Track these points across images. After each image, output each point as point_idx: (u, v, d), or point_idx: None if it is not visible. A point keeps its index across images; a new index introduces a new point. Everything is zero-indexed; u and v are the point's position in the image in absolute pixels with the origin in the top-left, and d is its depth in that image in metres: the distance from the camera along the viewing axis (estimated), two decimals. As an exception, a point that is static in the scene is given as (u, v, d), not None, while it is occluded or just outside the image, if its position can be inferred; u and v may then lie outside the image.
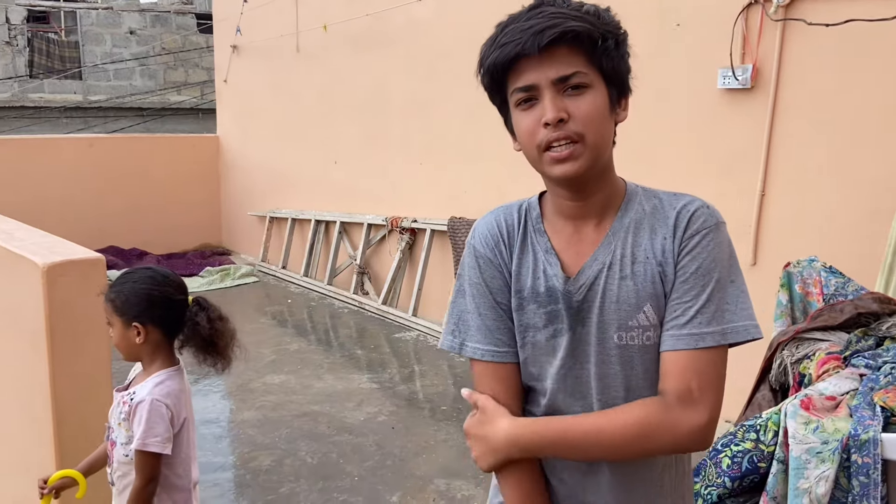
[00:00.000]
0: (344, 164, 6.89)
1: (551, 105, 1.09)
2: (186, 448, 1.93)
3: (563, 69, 1.08)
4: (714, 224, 1.14)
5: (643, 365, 1.16)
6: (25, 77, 12.18)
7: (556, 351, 1.19)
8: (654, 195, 1.20)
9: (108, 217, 7.90)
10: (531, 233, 1.23)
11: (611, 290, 1.15)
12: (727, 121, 3.85)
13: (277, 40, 7.43)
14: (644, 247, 1.15)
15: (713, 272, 1.12)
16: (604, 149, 1.13)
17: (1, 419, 2.61)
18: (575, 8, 1.10)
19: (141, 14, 13.09)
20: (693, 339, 1.11)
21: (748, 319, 1.13)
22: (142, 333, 1.84)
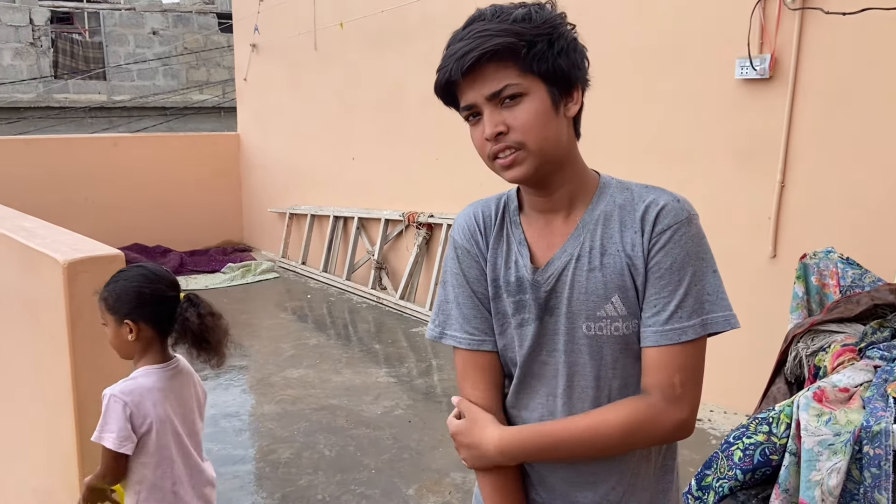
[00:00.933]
0: (361, 160, 6.92)
1: (489, 121, 1.13)
2: (167, 448, 1.88)
3: (492, 86, 1.11)
4: (685, 218, 1.15)
5: (612, 355, 1.18)
6: (50, 78, 12.37)
7: (524, 340, 1.22)
8: (626, 187, 1.21)
9: (133, 215, 8.02)
10: (508, 224, 1.26)
11: (579, 282, 1.17)
12: (745, 111, 3.82)
13: (295, 39, 7.47)
14: (614, 239, 1.17)
15: (688, 266, 1.13)
16: (550, 149, 1.14)
17: (22, 413, 2.67)
18: (503, 19, 1.12)
19: (163, 14, 13.24)
20: (675, 334, 1.13)
21: (727, 310, 1.16)
22: (134, 331, 1.84)
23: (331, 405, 4.17)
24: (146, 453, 1.84)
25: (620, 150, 4.45)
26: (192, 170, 8.53)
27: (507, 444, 1.18)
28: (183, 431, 1.93)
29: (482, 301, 1.26)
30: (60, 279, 2.13)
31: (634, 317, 1.17)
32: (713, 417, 3.95)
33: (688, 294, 1.13)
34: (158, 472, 1.87)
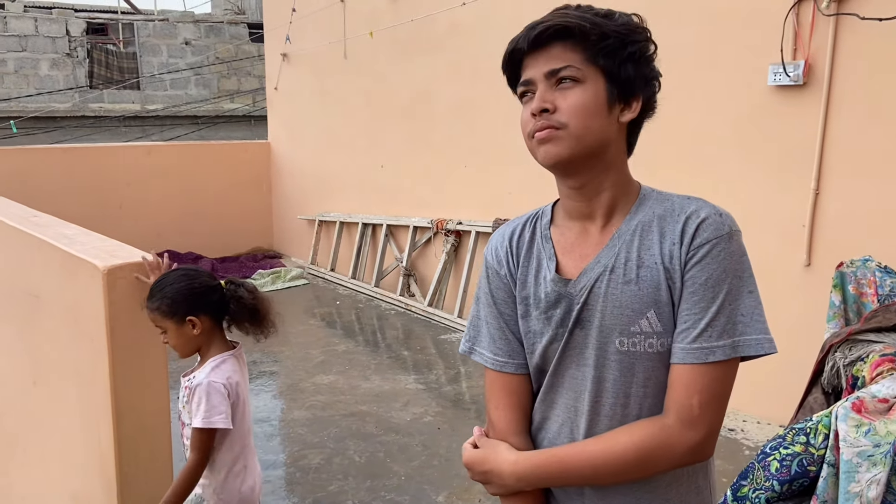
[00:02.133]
0: (390, 168, 6.97)
1: (539, 97, 1.12)
2: (244, 427, 2.07)
3: (553, 63, 1.11)
4: (726, 233, 1.10)
5: (644, 373, 1.14)
6: (86, 87, 12.65)
7: (553, 354, 1.20)
8: (666, 198, 1.18)
9: (165, 222, 8.15)
10: (538, 240, 1.24)
11: (613, 294, 1.13)
12: (779, 118, 3.77)
13: (325, 47, 7.56)
14: (653, 251, 1.13)
15: (723, 283, 1.08)
16: (591, 141, 1.12)
17: (62, 416, 2.73)
18: (585, 10, 1.12)
19: (195, 25, 13.47)
20: (703, 353, 1.08)
21: (762, 333, 1.09)
22: (197, 325, 2.00)
23: (360, 411, 4.19)
24: (232, 430, 2.01)
25: (652, 156, 4.41)
26: (223, 178, 8.65)
27: (522, 469, 1.17)
28: (249, 412, 2.13)
29: (508, 323, 1.25)
30: (100, 285, 2.18)
31: (670, 334, 1.12)
32: (746, 427, 3.90)
33: (720, 312, 1.08)
34: (235, 446, 2.05)
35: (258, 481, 2.14)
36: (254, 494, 2.10)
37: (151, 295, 2.02)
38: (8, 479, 3.50)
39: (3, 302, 3.16)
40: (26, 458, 3.22)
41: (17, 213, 3.12)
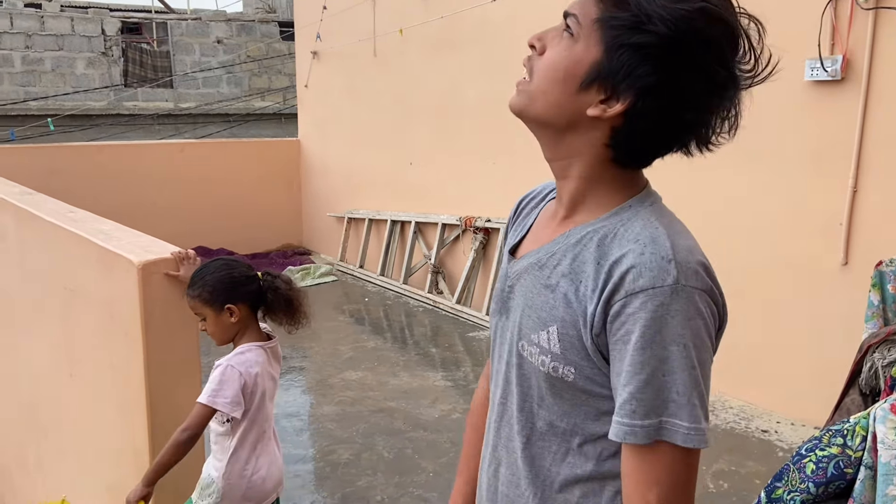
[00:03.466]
0: (419, 165, 6.98)
1: (540, 32, 0.97)
2: (262, 416, 2.10)
3: (574, 7, 0.94)
4: (669, 286, 0.85)
5: (539, 391, 0.99)
6: (120, 86, 12.87)
7: (491, 330, 1.13)
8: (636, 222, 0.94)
9: (197, 218, 8.26)
10: (538, 208, 1.13)
11: (530, 292, 1.00)
12: (816, 114, 3.70)
13: (355, 45, 7.59)
14: (586, 269, 0.93)
15: (657, 347, 0.85)
16: (541, 109, 0.95)
17: (97, 408, 2.78)
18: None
19: (227, 23, 13.63)
20: (623, 430, 0.88)
21: (695, 422, 0.86)
22: (235, 313, 2.06)
23: (389, 407, 4.21)
24: (247, 419, 2.05)
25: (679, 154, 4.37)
26: (253, 175, 8.74)
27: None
28: (269, 403, 2.16)
29: None
30: (135, 279, 2.22)
31: (569, 363, 0.93)
32: (780, 429, 3.84)
33: (648, 384, 0.86)
34: (249, 435, 2.08)
35: (275, 473, 2.16)
36: (265, 485, 2.13)
37: (192, 283, 2.08)
38: (43, 469, 3.58)
39: (42, 296, 3.23)
40: (62, 449, 3.29)
41: (55, 209, 3.18)
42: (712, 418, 4.02)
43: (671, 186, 4.70)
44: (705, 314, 0.88)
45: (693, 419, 0.85)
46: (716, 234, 4.27)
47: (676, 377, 0.85)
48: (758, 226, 4.03)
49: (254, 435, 2.10)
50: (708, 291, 0.89)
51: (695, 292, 0.87)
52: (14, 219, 3.43)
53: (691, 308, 0.86)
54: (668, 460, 0.87)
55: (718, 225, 4.25)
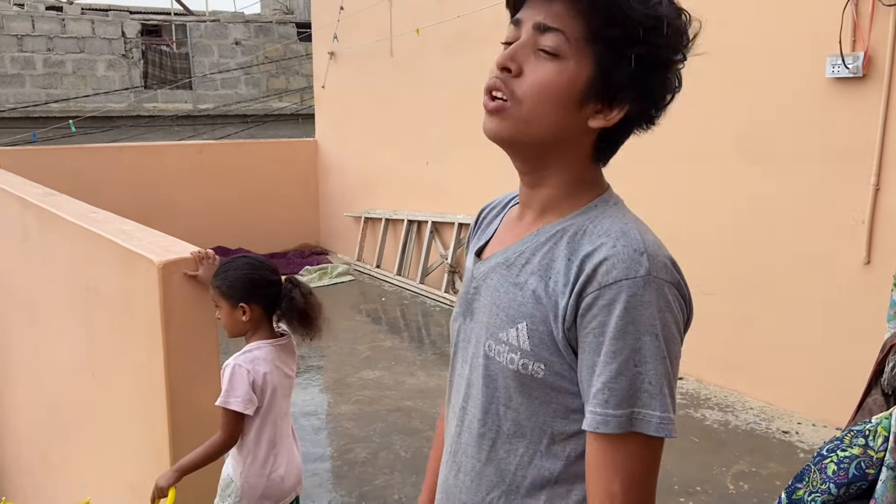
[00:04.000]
0: (435, 164, 6.98)
1: (512, 49, 0.93)
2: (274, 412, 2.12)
3: (548, 18, 0.91)
4: (642, 276, 0.87)
5: (506, 391, 0.98)
6: (140, 88, 13.00)
7: (452, 335, 1.12)
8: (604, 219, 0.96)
9: (216, 218, 8.32)
10: (500, 215, 1.15)
11: (497, 291, 1.00)
12: (837, 111, 3.66)
13: (372, 46, 7.61)
14: (556, 265, 0.94)
15: (629, 337, 0.86)
16: (540, 131, 0.94)
17: (119, 407, 2.81)
18: None
19: (245, 25, 13.72)
20: (596, 419, 0.88)
21: (666, 411, 0.87)
22: (247, 312, 2.09)
23: (406, 407, 4.22)
24: (259, 416, 2.08)
25: (705, 149, 4.34)
26: (271, 175, 8.80)
27: None
28: (283, 400, 2.18)
29: None
30: (156, 279, 2.24)
31: (539, 360, 0.93)
32: (801, 430, 3.80)
33: (621, 374, 0.86)
34: (264, 433, 2.11)
35: (293, 472, 2.18)
36: (284, 484, 2.14)
37: (217, 273, 2.13)
38: (66, 467, 3.63)
39: (64, 296, 3.27)
40: (84, 447, 3.33)
41: (77, 209, 3.22)
42: (731, 419, 3.99)
43: (693, 185, 4.69)
44: (674, 307, 0.90)
45: (664, 408, 0.87)
46: (737, 233, 4.24)
47: (649, 367, 0.87)
48: (778, 223, 3.99)
49: (269, 433, 2.12)
50: (676, 285, 0.91)
51: (665, 284, 0.88)
52: (37, 220, 3.48)
53: (662, 299, 0.88)
54: (635, 449, 0.88)
55: (739, 223, 4.22)
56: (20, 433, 4.59)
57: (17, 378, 4.41)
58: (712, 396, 4.28)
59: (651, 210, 5.11)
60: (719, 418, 3.99)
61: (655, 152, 4.46)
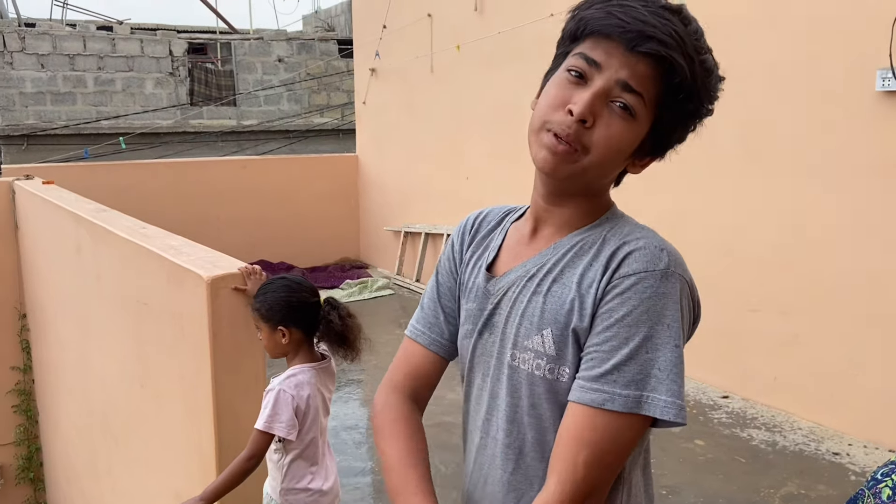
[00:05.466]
0: (475, 179, 7.00)
1: (588, 101, 0.94)
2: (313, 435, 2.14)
3: (634, 81, 0.94)
4: (661, 269, 0.93)
5: (530, 398, 1.01)
6: (187, 105, 13.32)
7: (465, 355, 1.14)
8: (622, 224, 1.03)
9: (258, 232, 8.47)
10: (498, 230, 1.18)
11: (520, 302, 1.04)
12: (888, 124, 3.58)
13: (412, 62, 7.69)
14: (576, 270, 1.00)
15: (643, 325, 0.92)
16: (597, 176, 1.01)
17: (166, 418, 2.87)
18: (698, 48, 0.96)
19: (288, 42, 13.99)
20: (600, 396, 0.92)
21: (674, 396, 0.91)
22: (286, 335, 2.10)
23: (445, 422, 4.21)
24: (299, 438, 2.10)
25: (752, 163, 4.28)
26: (313, 190, 8.93)
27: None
28: (323, 422, 2.20)
29: (442, 297, 1.21)
30: (204, 294, 2.29)
31: (564, 363, 0.98)
32: (852, 451, 3.69)
33: (632, 358, 0.92)
34: (305, 455, 2.13)
35: (331, 486, 2.20)
36: (323, 499, 2.16)
37: (256, 295, 2.15)
38: (113, 476, 3.71)
39: (115, 308, 3.36)
40: (131, 456, 3.40)
41: (128, 225, 3.31)
42: (779, 439, 3.89)
43: (740, 199, 4.59)
44: (685, 303, 0.96)
45: (671, 393, 0.91)
46: (783, 248, 4.16)
47: (659, 354, 0.92)
48: (827, 239, 3.90)
49: (308, 451, 2.14)
50: (689, 284, 0.98)
51: (681, 280, 0.95)
52: (90, 234, 3.59)
53: (676, 293, 0.94)
54: (613, 427, 0.92)
55: (786, 238, 4.14)
56: (69, 442, 4.72)
57: (68, 388, 4.54)
58: (759, 416, 4.19)
59: (696, 225, 5.04)
60: (767, 438, 3.90)
61: (702, 168, 4.41)
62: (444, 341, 1.20)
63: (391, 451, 1.12)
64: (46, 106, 12.29)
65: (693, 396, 4.46)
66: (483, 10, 6.61)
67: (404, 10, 7.69)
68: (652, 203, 4.06)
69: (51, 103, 12.32)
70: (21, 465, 5.82)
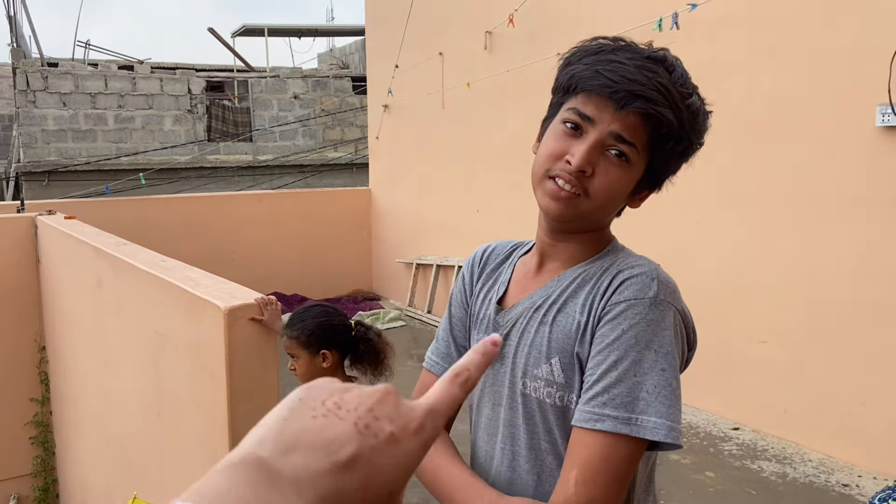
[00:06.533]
0: (486, 212, 7.10)
1: (586, 153, 1.02)
2: None
3: (626, 132, 1.02)
4: (650, 297, 1.00)
5: (545, 424, 1.07)
6: (204, 141, 13.60)
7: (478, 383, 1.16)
8: (621, 256, 1.10)
9: (273, 265, 8.58)
10: (506, 264, 1.25)
11: (528, 333, 1.10)
12: (888, 160, 3.64)
13: (424, 98, 7.86)
14: (578, 299, 1.07)
15: (631, 350, 0.97)
16: (598, 217, 1.09)
17: (182, 447, 2.94)
18: (684, 94, 1.03)
19: (303, 80, 14.29)
20: (591, 418, 0.97)
21: (664, 417, 0.95)
22: (328, 358, 2.18)
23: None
24: None
25: (753, 198, 4.34)
26: (326, 223, 9.05)
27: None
28: None
29: (454, 328, 1.26)
30: (221, 324, 2.37)
31: (572, 391, 1.03)
32: (862, 483, 3.69)
33: (621, 381, 0.97)
34: None
35: None
36: None
37: (292, 324, 2.23)
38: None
39: (133, 339, 3.46)
40: (148, 486, 3.46)
41: (148, 258, 3.42)
42: (789, 471, 3.89)
43: (744, 232, 4.65)
44: (677, 329, 1.01)
45: (660, 415, 0.95)
46: (789, 280, 4.20)
47: (647, 378, 0.96)
48: (832, 271, 3.95)
49: None
50: (681, 311, 1.03)
51: (670, 308, 1.01)
52: (111, 267, 3.70)
53: (665, 320, 0.99)
54: (604, 447, 0.95)
55: (791, 270, 4.18)
56: (85, 473, 4.78)
57: (85, 419, 4.62)
58: (769, 447, 4.19)
59: (704, 257, 5.09)
60: (777, 470, 3.90)
61: (706, 201, 4.48)
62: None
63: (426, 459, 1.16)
64: (68, 143, 12.59)
65: (704, 428, 4.47)
66: (492, 49, 6.79)
67: (416, 49, 7.89)
68: (659, 236, 4.13)
69: (72, 140, 12.62)
70: (38, 497, 5.88)
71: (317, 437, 0.41)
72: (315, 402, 0.43)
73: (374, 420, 0.42)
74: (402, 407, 0.44)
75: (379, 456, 0.41)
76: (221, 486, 0.38)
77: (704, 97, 1.08)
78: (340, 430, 0.41)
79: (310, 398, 0.44)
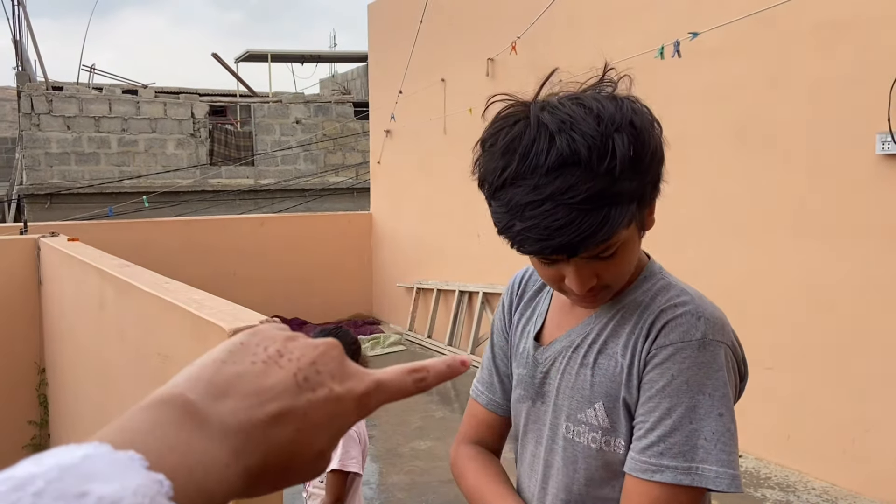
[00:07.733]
0: (487, 237, 7.12)
1: (580, 278, 0.96)
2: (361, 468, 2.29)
3: (598, 251, 0.93)
4: (697, 339, 0.94)
5: (587, 471, 1.03)
6: (207, 164, 13.67)
7: (519, 419, 1.16)
8: (662, 286, 1.03)
9: (274, 288, 8.58)
10: (544, 291, 1.19)
11: (569, 374, 1.06)
12: (888, 188, 3.67)
13: (426, 124, 7.93)
14: (619, 340, 1.01)
15: (683, 395, 0.92)
16: (628, 273, 1.03)
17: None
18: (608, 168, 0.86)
19: (306, 105, 14.41)
20: (648, 469, 0.93)
21: (725, 466, 0.91)
22: None
23: (457, 478, 4.22)
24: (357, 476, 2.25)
25: (754, 224, 4.36)
26: (327, 247, 9.07)
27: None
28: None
29: (496, 356, 1.24)
30: (225, 345, 2.38)
31: (619, 435, 0.99)
32: (866, 512, 3.66)
33: (677, 429, 0.92)
34: (358, 494, 2.26)
35: None
36: None
37: None
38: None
39: (135, 362, 3.45)
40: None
41: (152, 279, 3.43)
42: (793, 499, 3.86)
43: (747, 260, 4.66)
44: (729, 367, 0.97)
45: (720, 463, 0.91)
46: (793, 307, 4.21)
47: (704, 424, 0.92)
48: (834, 298, 3.96)
49: (360, 490, 2.27)
50: (731, 346, 0.98)
51: (721, 346, 0.96)
52: (115, 289, 3.71)
53: (717, 361, 0.95)
54: (668, 495, 0.91)
55: (794, 298, 4.19)
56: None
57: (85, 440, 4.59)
58: (773, 475, 4.16)
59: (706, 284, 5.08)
60: (780, 499, 3.87)
61: (707, 228, 4.51)
62: (501, 401, 1.22)
63: (471, 478, 1.16)
64: (71, 166, 12.65)
65: (706, 455, 4.45)
66: (494, 75, 6.86)
67: (418, 75, 7.97)
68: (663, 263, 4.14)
69: (75, 163, 12.68)
70: (33, 521, 5.82)
71: (251, 383, 0.39)
72: (257, 348, 0.41)
73: (316, 374, 0.41)
74: (348, 367, 0.43)
75: (314, 412, 0.40)
76: (144, 426, 0.37)
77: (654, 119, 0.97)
78: (277, 380, 0.39)
79: (252, 343, 0.42)
